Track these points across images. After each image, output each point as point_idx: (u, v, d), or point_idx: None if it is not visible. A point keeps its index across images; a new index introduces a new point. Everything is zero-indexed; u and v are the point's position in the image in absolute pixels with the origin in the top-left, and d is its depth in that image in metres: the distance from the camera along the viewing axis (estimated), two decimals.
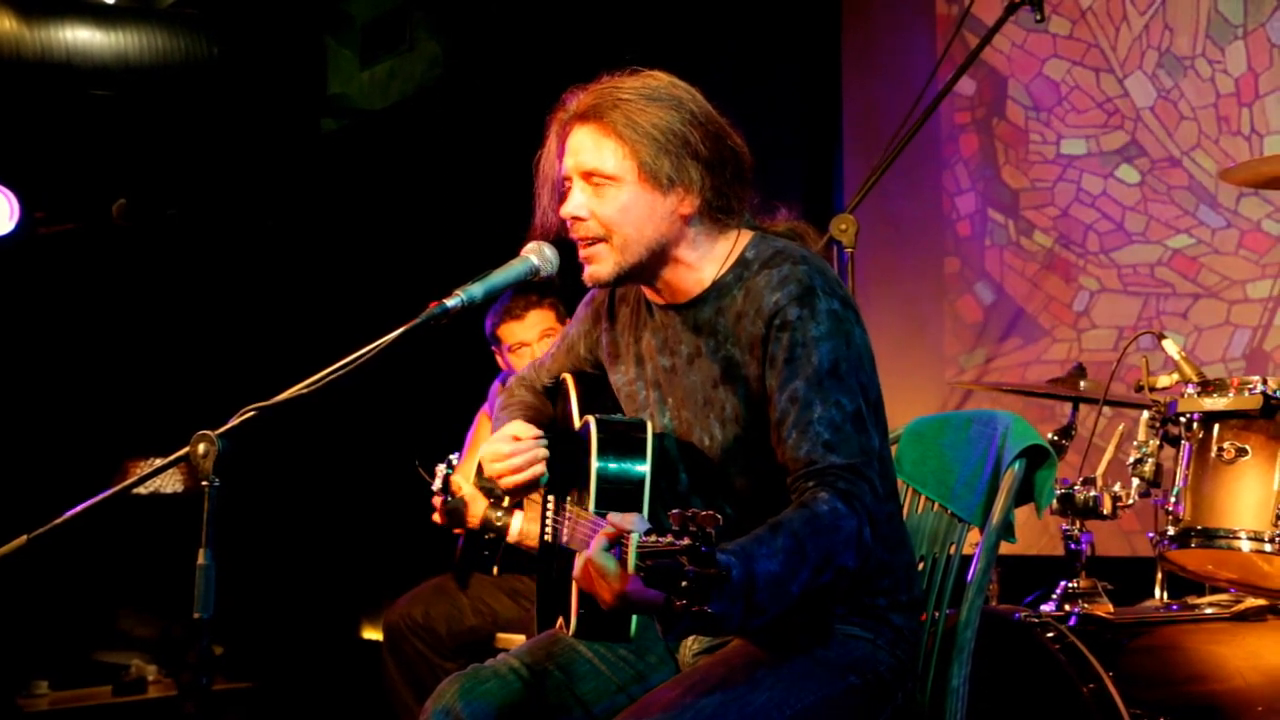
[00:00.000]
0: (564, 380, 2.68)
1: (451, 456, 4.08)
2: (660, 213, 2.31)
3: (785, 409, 2.22)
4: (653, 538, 1.86)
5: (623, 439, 2.35)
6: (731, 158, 2.34)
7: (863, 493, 2.15)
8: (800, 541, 2.03)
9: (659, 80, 2.34)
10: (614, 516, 1.98)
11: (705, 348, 2.36)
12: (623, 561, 1.92)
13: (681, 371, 2.40)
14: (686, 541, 1.81)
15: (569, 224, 2.35)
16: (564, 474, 2.56)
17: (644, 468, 2.32)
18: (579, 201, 2.32)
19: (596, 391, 2.63)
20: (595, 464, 2.32)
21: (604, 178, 2.30)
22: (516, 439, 2.49)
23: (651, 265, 2.35)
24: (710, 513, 1.81)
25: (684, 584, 1.81)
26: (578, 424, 2.54)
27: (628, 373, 2.51)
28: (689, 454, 2.40)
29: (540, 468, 2.48)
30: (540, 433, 2.50)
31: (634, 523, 1.95)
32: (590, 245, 2.34)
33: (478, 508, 4.00)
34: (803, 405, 2.20)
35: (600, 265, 2.34)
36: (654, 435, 2.36)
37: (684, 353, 2.40)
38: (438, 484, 4.04)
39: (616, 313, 2.55)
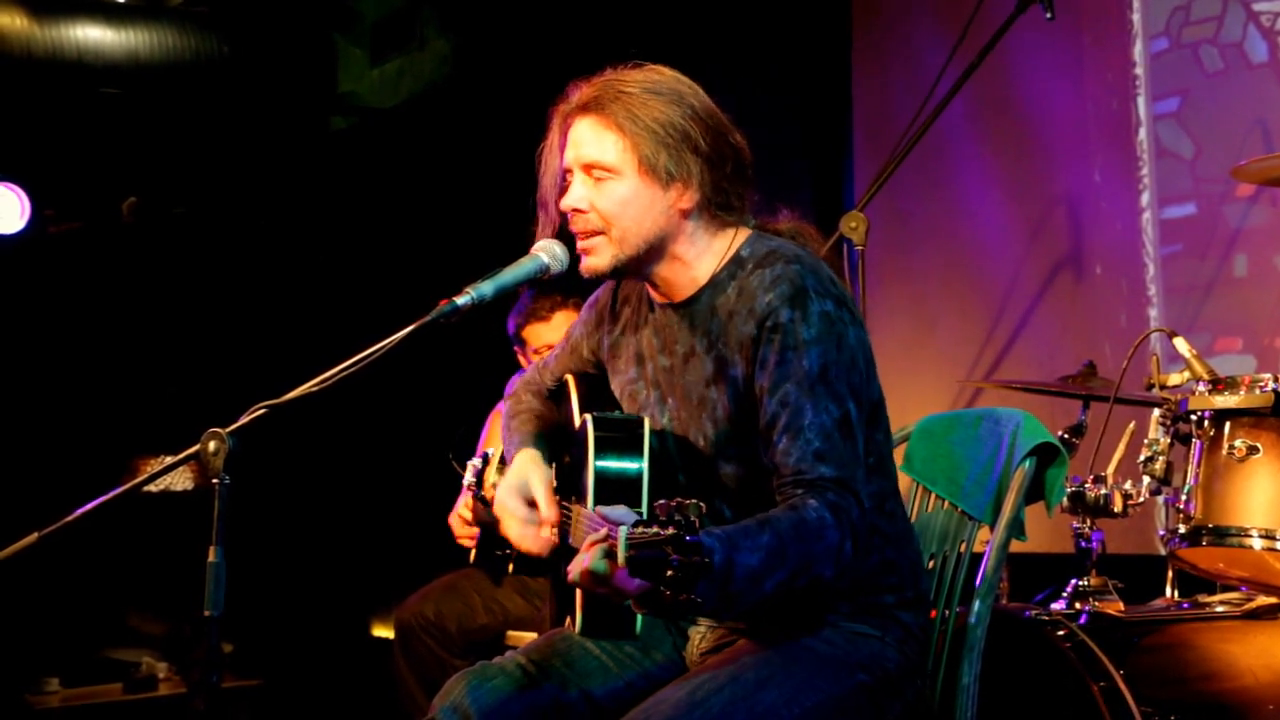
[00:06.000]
0: (566, 381, 2.68)
1: (488, 450, 4.07)
2: (659, 207, 2.31)
3: (776, 412, 2.22)
4: (640, 529, 1.86)
5: (620, 437, 2.35)
6: (732, 155, 2.34)
7: (850, 506, 2.15)
8: (784, 543, 2.05)
9: (662, 75, 2.35)
10: (604, 509, 2.00)
11: (699, 346, 2.36)
12: (613, 556, 1.92)
13: (679, 370, 2.40)
14: (671, 531, 1.82)
15: (569, 216, 2.35)
16: (568, 474, 2.56)
17: (640, 464, 2.32)
18: (579, 194, 2.32)
19: (597, 392, 2.63)
20: (593, 462, 2.32)
21: (604, 170, 2.30)
22: (533, 505, 2.47)
23: (649, 259, 2.35)
24: (694, 500, 1.82)
25: (669, 573, 1.81)
26: (577, 423, 2.54)
27: (628, 372, 2.51)
28: (686, 452, 2.40)
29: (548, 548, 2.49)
30: (555, 504, 2.46)
31: (622, 516, 1.96)
32: (589, 238, 2.34)
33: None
34: (793, 410, 2.20)
35: (597, 257, 2.35)
36: (651, 433, 2.35)
37: (680, 351, 2.40)
38: (469, 478, 4.03)
39: (619, 313, 2.55)
